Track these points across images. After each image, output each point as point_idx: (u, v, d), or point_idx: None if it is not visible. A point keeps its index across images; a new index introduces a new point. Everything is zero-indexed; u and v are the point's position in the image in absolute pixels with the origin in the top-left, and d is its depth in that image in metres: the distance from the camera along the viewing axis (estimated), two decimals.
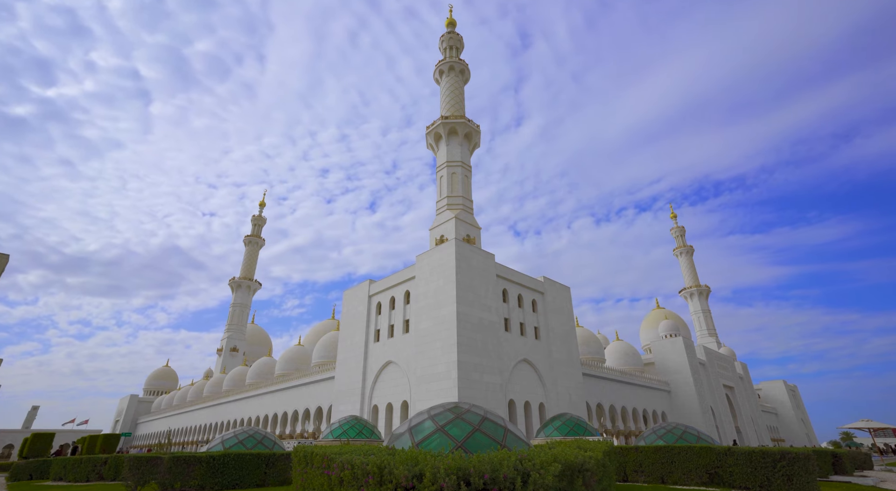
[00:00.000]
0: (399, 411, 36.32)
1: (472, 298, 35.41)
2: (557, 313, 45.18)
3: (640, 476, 19.55)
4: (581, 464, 6.97)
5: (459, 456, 6.69)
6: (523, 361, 38.89)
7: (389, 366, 39.15)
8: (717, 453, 17.84)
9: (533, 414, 37.60)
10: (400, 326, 39.60)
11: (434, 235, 48.08)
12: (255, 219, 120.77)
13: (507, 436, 10.29)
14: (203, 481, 17.64)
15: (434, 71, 60.83)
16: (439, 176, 51.88)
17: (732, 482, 17.08)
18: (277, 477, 19.42)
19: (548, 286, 45.29)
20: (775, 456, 16.41)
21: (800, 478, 15.85)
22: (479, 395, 32.36)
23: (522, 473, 6.06)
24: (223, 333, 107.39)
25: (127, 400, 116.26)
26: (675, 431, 21.95)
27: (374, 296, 44.10)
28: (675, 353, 66.29)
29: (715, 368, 73.49)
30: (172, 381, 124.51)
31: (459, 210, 48.64)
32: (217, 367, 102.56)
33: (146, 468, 18.59)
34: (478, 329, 34.72)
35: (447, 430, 10.23)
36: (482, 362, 33.88)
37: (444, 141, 53.02)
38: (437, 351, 33.69)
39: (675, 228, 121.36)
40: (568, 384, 42.69)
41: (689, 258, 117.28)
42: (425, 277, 37.62)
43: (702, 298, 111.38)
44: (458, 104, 56.85)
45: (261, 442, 22.79)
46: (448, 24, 63.63)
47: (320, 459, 8.15)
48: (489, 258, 39.10)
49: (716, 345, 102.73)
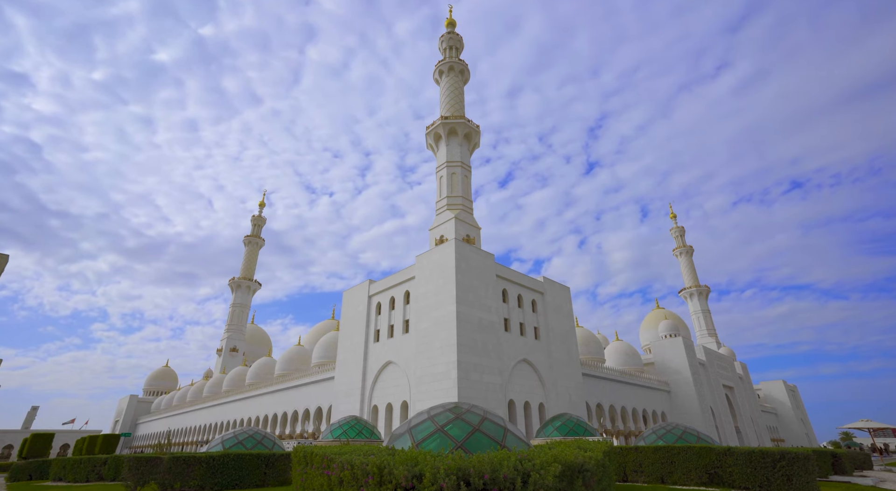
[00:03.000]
0: (399, 412, 36.31)
1: (472, 298, 35.40)
2: (557, 313, 45.18)
3: (639, 476, 19.55)
4: (581, 464, 6.97)
5: (459, 456, 6.69)
6: (523, 361, 38.89)
7: (389, 366, 39.14)
8: (716, 453, 17.84)
9: (533, 414, 37.59)
10: (400, 326, 39.60)
11: (434, 236, 48.09)
12: (255, 219, 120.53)
13: (506, 436, 10.29)
14: (203, 481, 17.64)
15: (434, 71, 60.83)
16: (439, 176, 51.89)
17: (732, 482, 17.08)
18: (277, 477, 19.42)
19: (547, 286, 45.29)
20: (775, 456, 16.41)
21: (799, 478, 15.85)
22: (478, 395, 32.35)
23: (522, 474, 6.06)
24: (223, 333, 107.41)
25: (127, 400, 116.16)
26: (674, 431, 21.96)
27: (373, 296, 44.10)
28: (675, 353, 66.31)
29: (715, 368, 73.51)
30: (172, 381, 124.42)
31: (459, 210, 48.65)
32: (217, 367, 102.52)
33: (146, 468, 18.58)
34: (477, 329, 34.71)
35: (447, 430, 10.24)
36: (482, 362, 33.86)
37: (443, 141, 53.04)
38: (437, 351, 33.68)
39: (675, 228, 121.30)
40: (568, 384, 42.68)
41: (689, 258, 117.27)
42: (425, 277, 37.62)
43: (701, 298, 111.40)
44: (457, 104, 56.85)
45: (260, 442, 22.81)
46: (448, 24, 63.63)
47: (320, 459, 8.15)
48: (489, 258, 39.10)
49: (715, 345, 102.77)
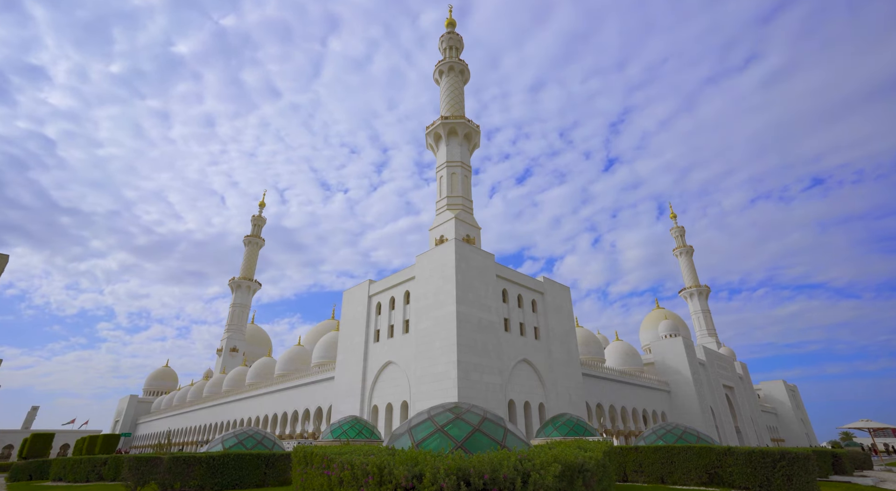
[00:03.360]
0: (399, 411, 36.31)
1: (472, 298, 35.40)
2: (557, 313, 45.18)
3: (639, 476, 19.55)
4: (581, 464, 6.97)
5: (459, 456, 6.69)
6: (523, 361, 38.88)
7: (389, 366, 39.14)
8: (716, 453, 17.83)
9: (533, 414, 37.58)
10: (400, 326, 39.59)
11: (434, 235, 48.09)
12: (255, 219, 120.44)
13: (506, 436, 10.29)
14: (203, 482, 17.64)
15: (434, 71, 60.82)
16: (439, 176, 51.92)
17: (732, 482, 17.07)
18: (277, 477, 19.42)
19: (547, 286, 45.29)
20: (775, 456, 16.40)
21: (799, 478, 15.85)
22: (478, 395, 32.35)
23: (522, 474, 6.06)
24: (223, 334, 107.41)
25: (127, 400, 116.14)
26: (674, 431, 21.95)
27: (373, 296, 44.10)
28: (675, 353, 66.29)
29: (715, 368, 73.49)
30: (172, 381, 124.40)
31: (459, 210, 48.66)
32: (217, 367, 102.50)
33: (146, 468, 18.58)
34: (477, 329, 34.70)
35: (447, 430, 10.23)
36: (482, 362, 33.86)
37: (443, 141, 53.04)
38: (437, 351, 33.67)
39: (675, 228, 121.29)
40: (568, 384, 42.68)
41: (689, 258, 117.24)
42: (425, 277, 37.61)
43: (701, 298, 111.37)
44: (457, 104, 56.84)
45: (260, 442, 22.80)
46: (448, 24, 63.62)
47: (320, 459, 8.14)
48: (489, 258, 39.10)
49: (716, 345, 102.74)
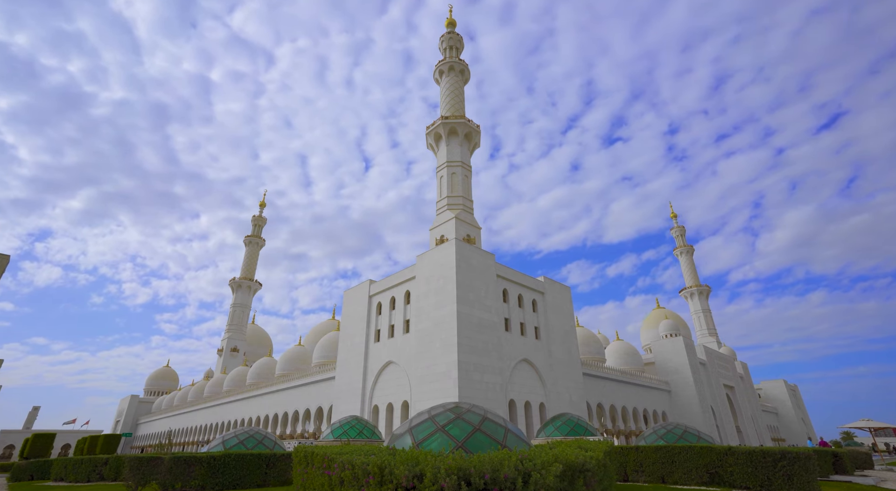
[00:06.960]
0: (399, 411, 36.32)
1: (473, 298, 35.40)
2: (557, 313, 45.17)
3: (640, 476, 19.54)
4: (582, 464, 6.97)
5: (460, 456, 6.69)
6: (523, 360, 38.88)
7: (390, 366, 39.15)
8: (717, 453, 17.82)
9: (533, 414, 37.59)
10: (400, 326, 39.60)
11: (434, 235, 48.09)
12: (256, 219, 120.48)
13: (507, 436, 10.29)
14: (203, 482, 17.63)
15: (434, 71, 60.81)
16: (439, 176, 51.90)
17: (733, 482, 17.06)
18: (278, 477, 19.41)
19: (548, 286, 45.28)
20: (776, 456, 16.39)
21: (800, 477, 15.83)
22: (479, 395, 32.36)
23: (523, 474, 6.06)
24: (223, 334, 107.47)
25: (128, 400, 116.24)
26: (675, 430, 21.93)
27: (374, 296, 44.10)
28: (676, 353, 66.28)
29: (715, 368, 73.48)
30: (173, 381, 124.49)
31: (459, 210, 48.66)
32: (217, 367, 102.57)
33: (147, 469, 18.59)
34: (478, 329, 34.70)
35: (448, 430, 10.22)
36: (482, 362, 33.87)
37: (444, 141, 53.03)
38: (438, 351, 33.68)
39: (676, 228, 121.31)
40: (568, 384, 42.68)
41: (690, 258, 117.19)
42: (425, 277, 37.61)
43: (702, 298, 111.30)
44: (458, 104, 56.83)
45: (261, 442, 22.79)
46: (448, 24, 63.61)
47: (321, 459, 8.15)
48: (489, 258, 39.09)
49: (716, 345, 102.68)
